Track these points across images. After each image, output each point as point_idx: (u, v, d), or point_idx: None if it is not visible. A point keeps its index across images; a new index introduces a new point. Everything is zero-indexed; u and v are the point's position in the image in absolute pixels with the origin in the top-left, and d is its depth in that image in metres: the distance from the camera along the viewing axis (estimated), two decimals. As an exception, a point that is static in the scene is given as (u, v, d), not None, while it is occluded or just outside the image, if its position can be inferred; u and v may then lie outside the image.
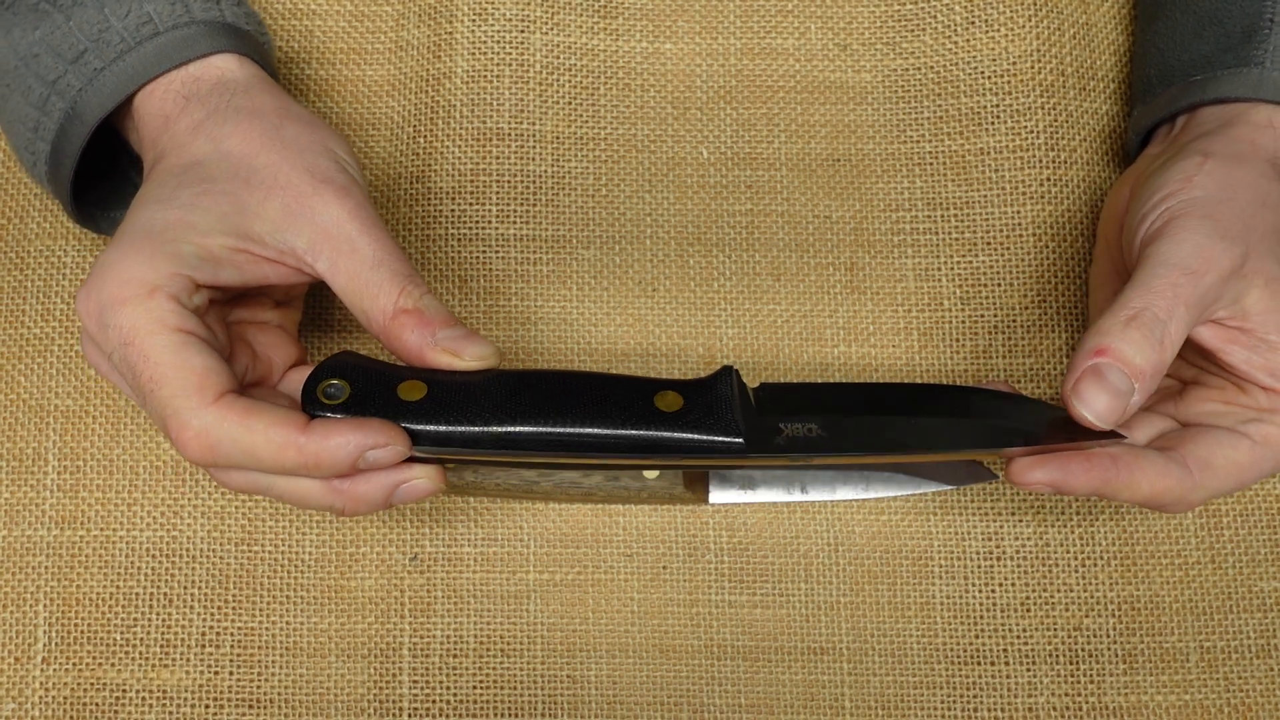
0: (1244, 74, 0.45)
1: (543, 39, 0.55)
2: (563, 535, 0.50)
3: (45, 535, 0.50)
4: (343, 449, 0.37)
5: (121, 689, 0.49)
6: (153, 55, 0.43)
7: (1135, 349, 0.40)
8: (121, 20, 0.43)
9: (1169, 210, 0.43)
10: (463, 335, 0.40)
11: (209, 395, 0.37)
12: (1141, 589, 0.50)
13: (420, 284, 0.41)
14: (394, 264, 0.40)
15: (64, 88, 0.43)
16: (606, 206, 0.54)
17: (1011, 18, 0.55)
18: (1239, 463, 0.42)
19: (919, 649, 0.49)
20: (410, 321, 0.40)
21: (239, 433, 0.37)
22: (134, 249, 0.39)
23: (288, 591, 0.50)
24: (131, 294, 0.38)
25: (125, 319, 0.38)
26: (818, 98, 0.55)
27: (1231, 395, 0.43)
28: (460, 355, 0.40)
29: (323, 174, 0.41)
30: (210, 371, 0.38)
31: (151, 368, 0.37)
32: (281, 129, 0.42)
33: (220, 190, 0.40)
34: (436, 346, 0.40)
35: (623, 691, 0.49)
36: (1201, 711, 0.49)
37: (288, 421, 0.38)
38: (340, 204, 0.41)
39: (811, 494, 0.50)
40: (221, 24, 0.45)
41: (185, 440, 0.37)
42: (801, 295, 0.53)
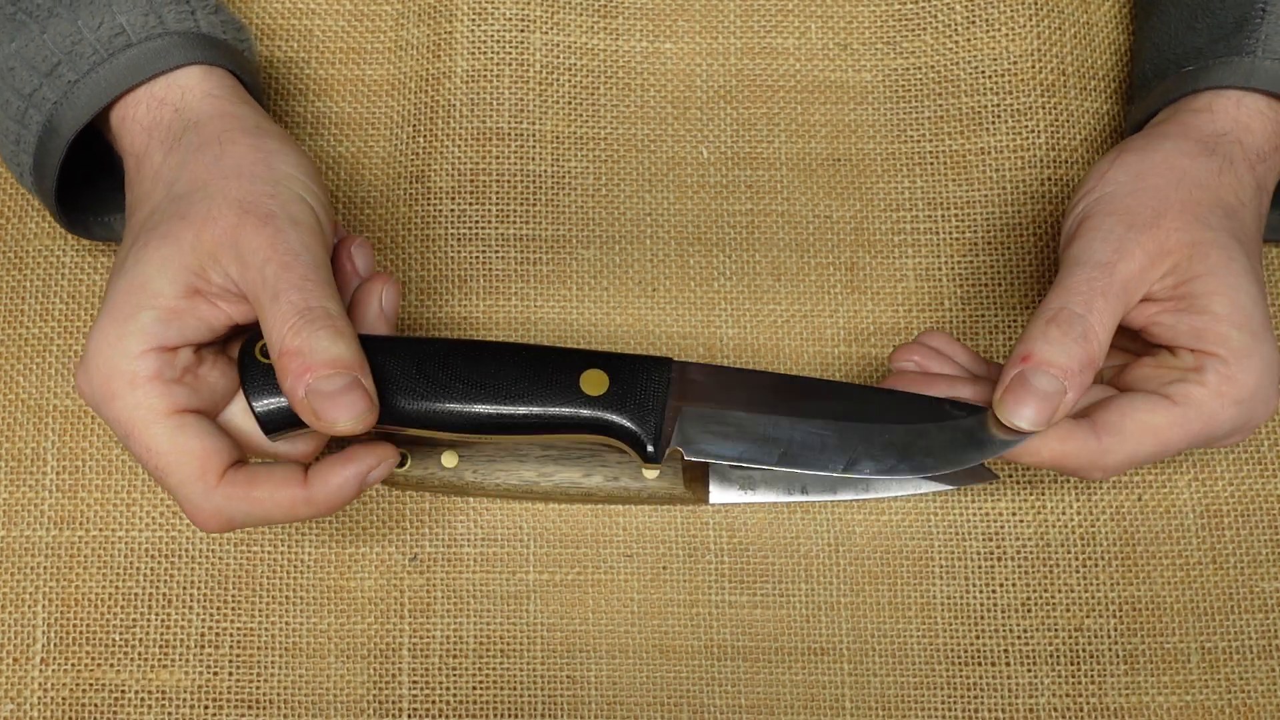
0: (1235, 63, 0.45)
1: (542, 39, 0.55)
2: (563, 535, 0.50)
3: (44, 535, 0.50)
4: (346, 486, 0.40)
5: (120, 690, 0.48)
6: (125, 67, 0.43)
7: (1057, 348, 0.40)
8: (94, 32, 0.43)
9: (1082, 211, 0.44)
10: (332, 393, 0.38)
11: (212, 478, 0.39)
12: (1142, 589, 0.50)
13: (317, 317, 0.38)
14: (295, 296, 0.38)
15: (40, 101, 0.43)
16: (606, 206, 0.54)
17: (1012, 17, 0.55)
18: (1155, 425, 0.41)
19: (919, 649, 0.49)
20: (287, 366, 0.38)
21: (249, 506, 0.39)
22: (107, 333, 0.39)
23: (287, 592, 0.50)
24: (117, 388, 0.39)
25: (119, 413, 0.39)
26: (818, 98, 0.55)
27: (1163, 359, 0.43)
28: (319, 418, 0.38)
29: (249, 203, 0.40)
30: (210, 453, 0.39)
31: (155, 458, 0.39)
32: (221, 159, 0.41)
33: (160, 235, 0.40)
34: (302, 401, 0.38)
35: (623, 692, 0.49)
36: (1203, 712, 0.48)
37: (289, 480, 0.40)
38: (258, 233, 0.39)
39: (811, 494, 0.50)
40: (196, 35, 0.44)
41: (203, 521, 0.40)
42: (801, 295, 0.53)
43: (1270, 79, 0.45)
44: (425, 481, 0.49)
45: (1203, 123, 0.45)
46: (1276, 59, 0.45)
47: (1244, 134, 0.45)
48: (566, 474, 0.49)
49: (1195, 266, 0.42)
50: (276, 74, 0.55)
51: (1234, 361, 0.41)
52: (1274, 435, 0.51)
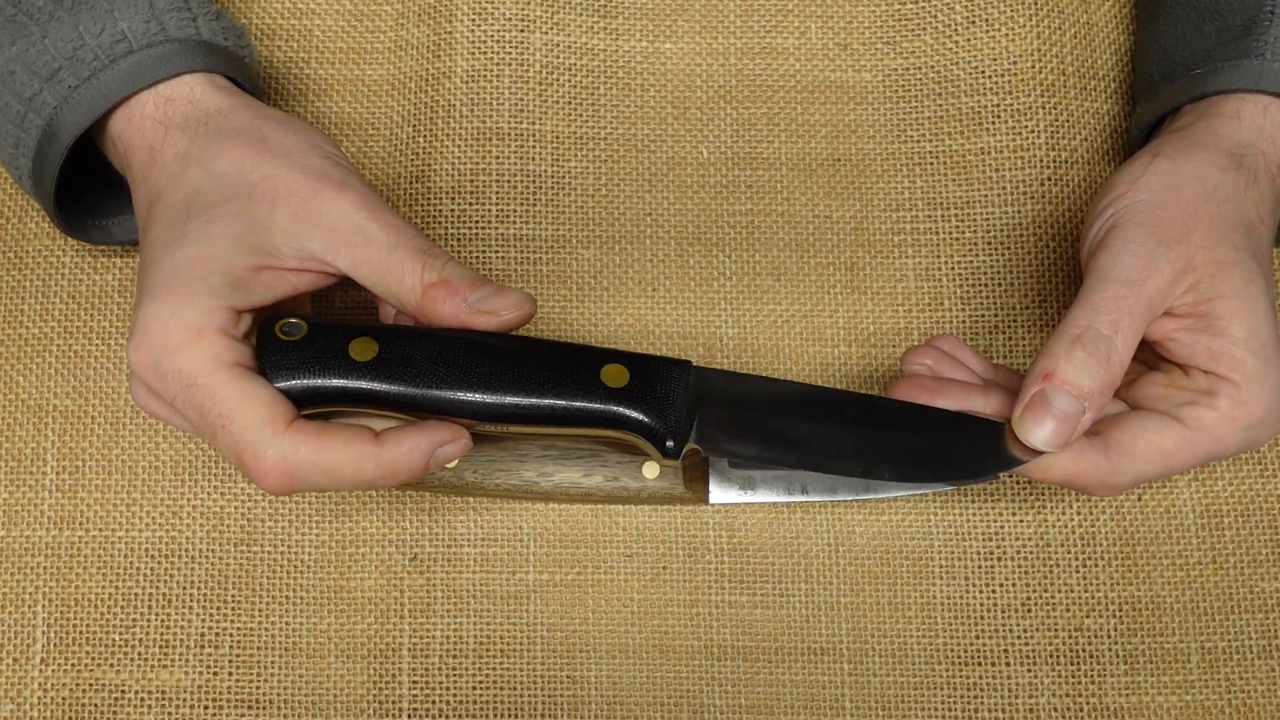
0: (1244, 65, 0.45)
1: (542, 38, 0.55)
2: (563, 535, 0.50)
3: (44, 535, 0.50)
4: (416, 452, 0.39)
5: (120, 690, 0.48)
6: (126, 73, 0.43)
7: (1080, 370, 0.40)
8: (95, 38, 0.43)
9: (1112, 217, 0.44)
10: (493, 293, 0.41)
11: (280, 424, 0.38)
12: (1142, 589, 0.50)
13: (440, 254, 0.41)
14: (410, 243, 0.41)
15: (40, 105, 0.43)
16: (606, 206, 0.54)
17: (1012, 17, 0.55)
18: (1164, 448, 0.42)
19: (919, 649, 0.49)
20: (440, 294, 0.40)
21: (315, 455, 0.38)
22: (170, 294, 0.39)
23: (287, 592, 0.50)
24: (182, 339, 0.38)
25: (183, 363, 0.38)
26: (818, 98, 0.55)
27: (1176, 378, 0.43)
28: (496, 314, 0.40)
29: (318, 173, 0.41)
30: (276, 401, 0.39)
31: (219, 404, 0.38)
32: (266, 140, 0.42)
33: (226, 213, 0.40)
34: (471, 311, 0.40)
35: (623, 692, 0.49)
36: (1203, 712, 0.48)
37: (360, 436, 0.39)
38: (342, 198, 0.41)
39: (811, 494, 0.50)
40: (197, 42, 0.44)
41: (264, 470, 0.38)
42: (801, 295, 0.53)
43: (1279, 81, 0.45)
44: (425, 481, 0.49)
45: (1231, 130, 0.45)
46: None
47: (1268, 145, 0.45)
48: (566, 474, 0.49)
49: (1218, 286, 0.42)
50: (276, 74, 0.55)
51: (1247, 387, 0.41)
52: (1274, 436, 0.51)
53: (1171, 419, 0.42)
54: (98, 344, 0.51)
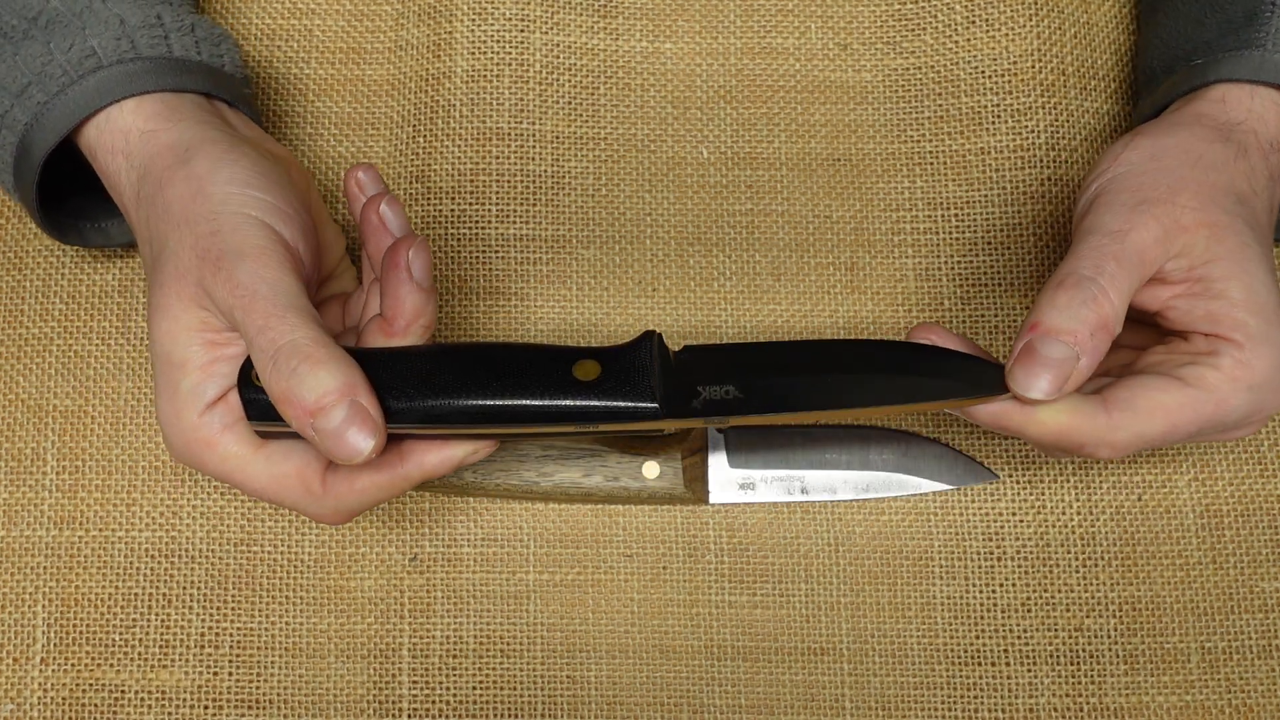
0: (1245, 56, 0.45)
1: (542, 39, 0.55)
2: (563, 535, 0.50)
3: (44, 535, 0.50)
4: (442, 465, 0.41)
5: (120, 690, 0.48)
6: (94, 89, 0.42)
7: (1065, 313, 0.39)
8: (65, 54, 0.43)
9: (1095, 190, 0.43)
10: (334, 431, 0.38)
11: (317, 488, 0.41)
12: (1142, 589, 0.50)
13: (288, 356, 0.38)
14: (261, 341, 0.38)
15: (11, 122, 0.43)
16: (606, 206, 0.54)
17: (1012, 17, 0.55)
18: (1166, 405, 0.40)
19: (919, 649, 0.49)
20: (287, 413, 0.38)
21: (358, 497, 0.41)
22: (165, 410, 0.41)
23: (287, 592, 0.50)
24: (200, 453, 0.41)
25: (216, 471, 0.41)
26: (818, 98, 0.55)
27: (1175, 345, 0.42)
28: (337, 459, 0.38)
29: (200, 249, 0.40)
30: (304, 469, 0.41)
31: (266, 494, 0.41)
32: (169, 209, 0.41)
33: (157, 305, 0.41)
34: (318, 444, 0.38)
35: (623, 692, 0.49)
36: (1203, 712, 0.48)
37: (384, 464, 0.40)
38: (216, 280, 0.39)
39: (811, 494, 0.50)
40: (167, 60, 0.44)
41: (328, 520, 0.42)
42: (801, 295, 0.53)
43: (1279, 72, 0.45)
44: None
45: (1217, 111, 0.45)
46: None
47: (1258, 124, 0.45)
48: (566, 474, 0.49)
49: (1212, 249, 0.41)
50: (276, 74, 0.55)
51: (1249, 347, 0.40)
52: (1274, 435, 0.51)
53: (1173, 378, 0.41)
54: (98, 344, 0.51)
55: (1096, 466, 0.51)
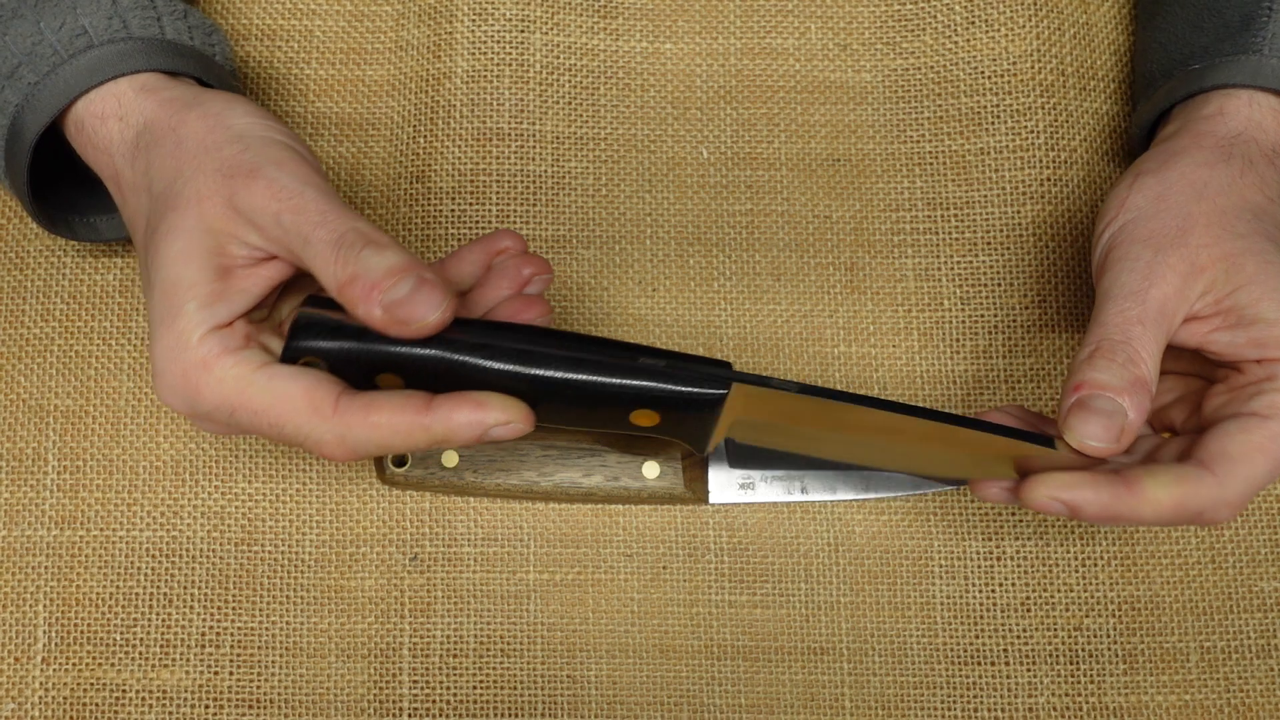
0: (1241, 61, 0.45)
1: (543, 39, 0.55)
2: (563, 535, 0.50)
3: (45, 535, 0.50)
4: (468, 429, 0.38)
5: (121, 689, 0.49)
6: (85, 68, 0.42)
7: (1105, 373, 0.40)
8: (55, 33, 0.42)
9: (1107, 242, 0.44)
10: (408, 295, 0.37)
11: (326, 409, 0.38)
12: (1142, 589, 0.50)
13: (355, 240, 0.37)
14: (323, 231, 0.38)
15: (2, 104, 0.43)
16: (606, 206, 0.54)
17: (1011, 18, 0.55)
18: (1257, 443, 0.40)
19: (919, 649, 0.49)
20: (354, 296, 0.37)
21: (368, 431, 0.38)
22: (163, 335, 0.39)
23: (288, 591, 0.50)
24: (196, 379, 0.38)
25: (212, 398, 0.38)
26: (818, 98, 0.55)
27: (1234, 381, 0.42)
28: (407, 325, 0.37)
29: (230, 167, 0.39)
30: (312, 388, 0.38)
31: (266, 415, 0.38)
32: (182, 142, 0.41)
33: (167, 231, 0.40)
34: (385, 321, 0.37)
35: (623, 691, 0.49)
36: (1202, 712, 0.49)
37: (407, 406, 0.37)
38: (253, 190, 0.39)
39: (811, 494, 0.50)
40: (159, 40, 0.44)
41: (329, 453, 0.38)
42: (801, 295, 0.53)
43: (1277, 77, 0.45)
44: (425, 481, 0.49)
45: (1215, 127, 0.45)
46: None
47: (1258, 132, 0.45)
48: (566, 474, 0.49)
49: (1234, 278, 0.41)
50: (276, 74, 0.55)
51: None
52: (1273, 435, 0.51)
53: (1247, 415, 0.41)
54: (98, 344, 0.51)
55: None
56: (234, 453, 0.51)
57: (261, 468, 0.51)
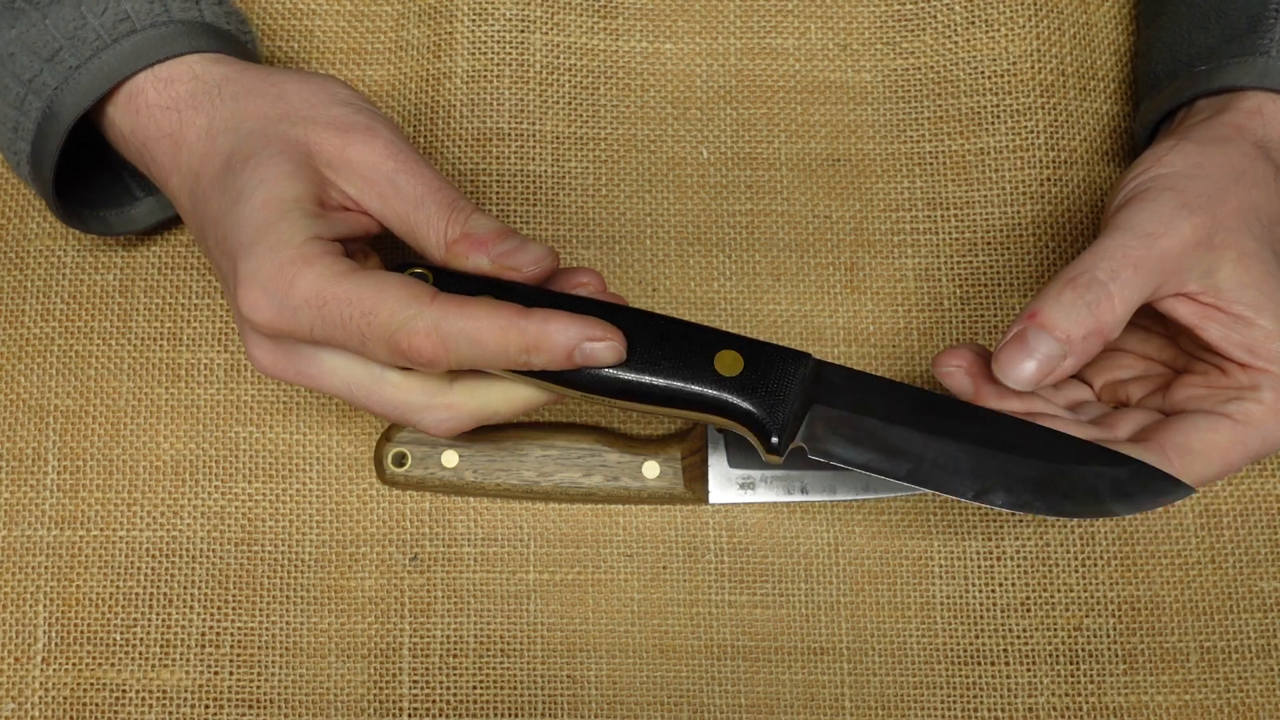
0: (1249, 63, 0.45)
1: (543, 39, 0.55)
2: (563, 535, 0.50)
3: (45, 535, 0.50)
4: (563, 334, 0.38)
5: (121, 689, 0.49)
6: (129, 52, 0.42)
7: (1065, 312, 0.40)
8: (98, 18, 0.43)
9: (1135, 186, 0.43)
10: (516, 247, 0.41)
11: (424, 298, 0.38)
12: (1141, 589, 0.50)
13: (466, 205, 0.41)
14: (437, 195, 0.41)
15: (40, 86, 0.43)
16: (606, 206, 0.54)
17: (1011, 18, 0.55)
18: (1219, 444, 0.41)
19: (919, 649, 0.49)
20: (464, 249, 0.40)
21: (464, 322, 0.38)
22: (260, 244, 0.39)
23: (288, 591, 0.50)
24: (294, 273, 0.38)
25: (306, 290, 0.38)
26: (818, 98, 0.55)
27: (1214, 379, 0.43)
28: (519, 269, 0.40)
29: (344, 123, 0.41)
30: (411, 282, 0.39)
31: (358, 304, 0.38)
32: (284, 98, 0.42)
33: (271, 155, 0.40)
34: (495, 266, 0.40)
35: (623, 691, 0.49)
36: (1202, 711, 0.49)
37: (506, 306, 0.38)
38: (371, 146, 0.41)
39: (811, 494, 0.50)
40: (200, 24, 0.44)
41: (418, 345, 0.38)
42: (801, 295, 0.53)
43: None
44: (425, 481, 0.49)
45: (1255, 125, 0.45)
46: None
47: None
48: (566, 474, 0.49)
49: (1239, 276, 0.41)
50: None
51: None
52: (1273, 435, 0.51)
53: (1220, 416, 0.41)
54: (98, 344, 0.51)
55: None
56: (234, 453, 0.51)
57: (261, 468, 0.51)
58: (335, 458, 0.51)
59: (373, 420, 0.51)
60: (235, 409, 0.51)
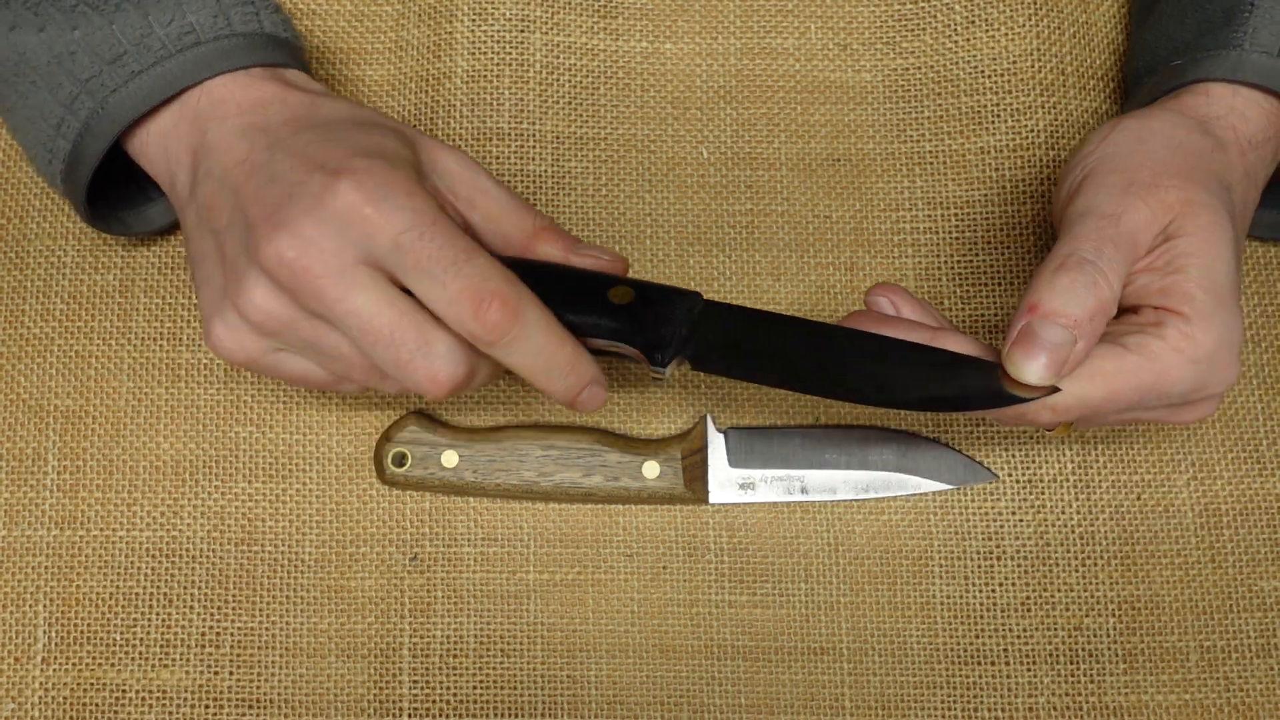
0: (1223, 56, 0.45)
1: (543, 39, 0.55)
2: (563, 535, 0.50)
3: (45, 535, 0.50)
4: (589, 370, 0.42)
5: (121, 689, 0.49)
6: (192, 63, 0.43)
7: (1065, 296, 0.39)
8: (164, 27, 0.44)
9: (1083, 169, 0.44)
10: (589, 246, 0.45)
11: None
12: (1141, 589, 0.50)
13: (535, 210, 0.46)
14: (514, 197, 0.45)
15: (96, 87, 0.43)
16: (606, 206, 0.54)
17: (1011, 17, 0.55)
18: (1106, 370, 0.40)
19: (919, 649, 0.49)
20: (551, 235, 0.44)
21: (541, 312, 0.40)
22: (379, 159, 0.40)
23: (288, 591, 0.50)
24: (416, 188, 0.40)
25: (423, 203, 0.39)
26: (818, 98, 0.55)
27: (1124, 319, 0.42)
28: (597, 257, 0.44)
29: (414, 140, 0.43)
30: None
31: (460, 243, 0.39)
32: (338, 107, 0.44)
33: (381, 129, 0.42)
34: (577, 253, 0.44)
35: (623, 691, 0.49)
36: (1202, 711, 0.49)
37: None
38: (448, 154, 0.44)
39: (811, 494, 0.50)
40: (260, 35, 0.45)
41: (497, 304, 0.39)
42: (802, 295, 0.53)
43: (1257, 72, 0.45)
44: (425, 481, 0.49)
45: (1199, 104, 0.45)
46: (1264, 52, 0.45)
47: (1238, 120, 0.45)
48: (566, 474, 0.49)
49: (1185, 224, 0.41)
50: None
51: (1195, 320, 0.40)
52: (1272, 435, 0.51)
53: (1115, 344, 0.41)
54: (98, 344, 0.51)
55: (1096, 466, 0.51)
56: (234, 453, 0.51)
57: (261, 468, 0.51)
58: (335, 458, 0.51)
59: (373, 420, 0.51)
60: (235, 409, 0.51)
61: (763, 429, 0.51)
